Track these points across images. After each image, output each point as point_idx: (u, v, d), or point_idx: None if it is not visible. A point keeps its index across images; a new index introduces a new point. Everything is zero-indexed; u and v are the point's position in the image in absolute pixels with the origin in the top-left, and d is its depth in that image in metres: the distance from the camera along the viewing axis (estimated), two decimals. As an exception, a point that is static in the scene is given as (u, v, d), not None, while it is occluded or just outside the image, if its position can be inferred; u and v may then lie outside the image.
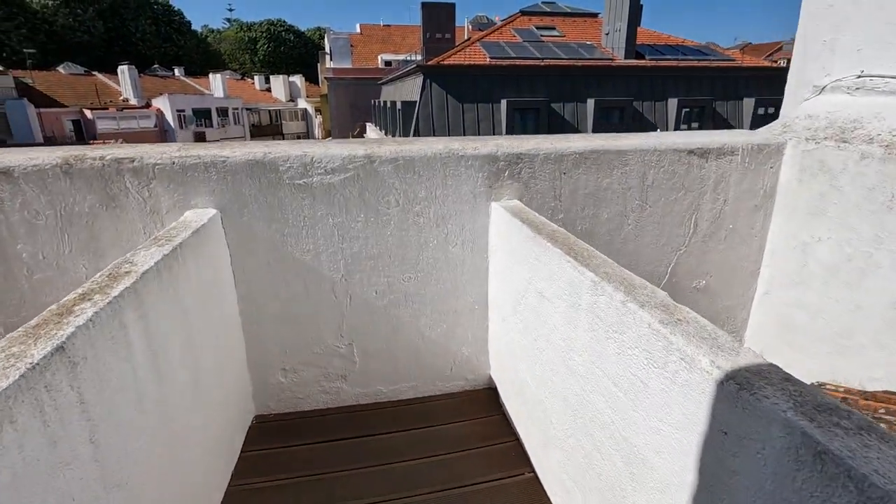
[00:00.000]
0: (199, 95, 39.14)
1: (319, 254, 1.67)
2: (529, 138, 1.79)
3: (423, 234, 1.72)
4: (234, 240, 1.60)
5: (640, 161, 1.79)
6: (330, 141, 1.69)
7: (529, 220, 1.46)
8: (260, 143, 1.66)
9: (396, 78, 24.59)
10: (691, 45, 22.50)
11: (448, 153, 1.64)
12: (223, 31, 77.01)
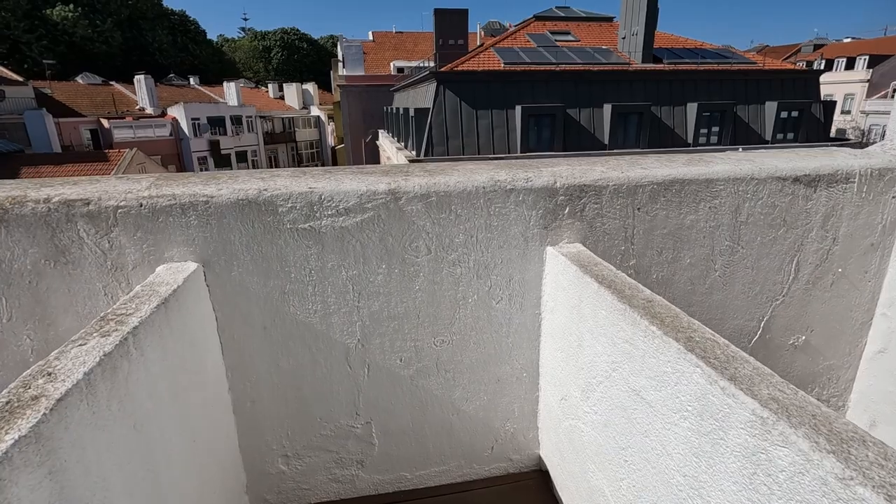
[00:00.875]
0: (214, 104, 39.42)
1: (330, 315, 1.31)
2: (594, 163, 1.42)
3: (460, 288, 1.36)
4: (221, 300, 1.25)
5: (732, 192, 1.42)
6: (342, 171, 1.34)
7: (609, 280, 1.09)
8: (254, 172, 1.32)
9: (409, 85, 24.41)
10: (710, 49, 21.96)
11: (493, 186, 1.28)
12: (238, 40, 78.00)
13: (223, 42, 76.59)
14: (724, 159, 1.51)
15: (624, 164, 1.42)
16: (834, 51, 53.60)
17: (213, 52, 64.14)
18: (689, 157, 1.53)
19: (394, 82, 35.11)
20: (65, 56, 45.53)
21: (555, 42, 21.08)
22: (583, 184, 1.32)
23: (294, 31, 73.19)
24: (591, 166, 1.39)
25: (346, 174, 1.29)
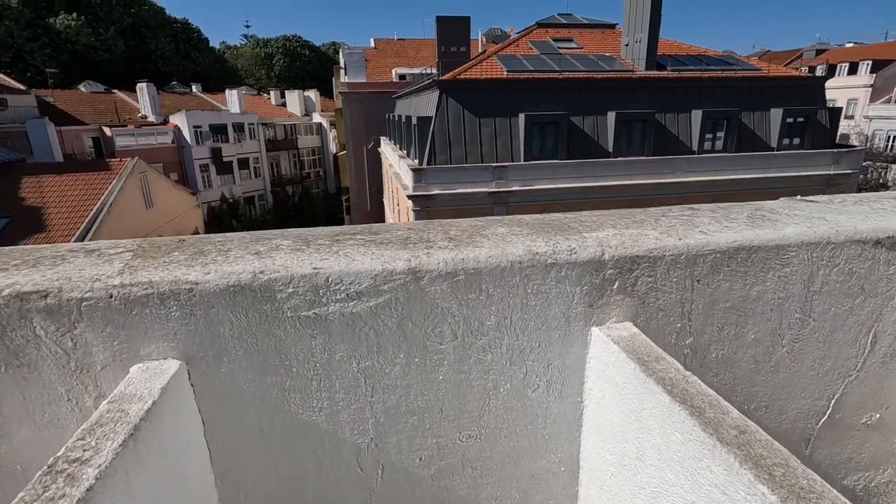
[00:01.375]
0: (216, 111, 39.45)
1: (338, 412, 1.11)
2: (642, 223, 1.22)
3: (490, 376, 1.16)
4: (209, 401, 1.04)
5: (805, 259, 1.22)
6: (352, 237, 1.14)
7: (681, 389, 0.88)
8: (249, 240, 1.12)
9: (411, 92, 24.32)
10: (714, 55, 21.83)
11: (531, 261, 1.08)
12: (240, 48, 78.33)
13: (225, 49, 76.89)
14: (791, 215, 1.31)
15: (679, 225, 1.22)
16: (836, 56, 53.52)
17: (215, 60, 64.34)
18: (750, 211, 1.33)
19: (396, 89, 35.06)
20: (67, 64, 45.67)
21: (558, 49, 20.97)
22: (635, 255, 1.12)
23: (296, 38, 73.45)
24: (642, 229, 1.19)
25: (358, 246, 1.09)
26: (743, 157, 18.04)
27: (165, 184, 25.67)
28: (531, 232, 1.18)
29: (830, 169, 18.68)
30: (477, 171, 16.47)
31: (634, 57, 19.65)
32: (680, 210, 1.36)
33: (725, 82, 18.68)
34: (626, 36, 20.38)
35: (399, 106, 29.33)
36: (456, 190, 16.37)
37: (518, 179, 16.68)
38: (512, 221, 1.26)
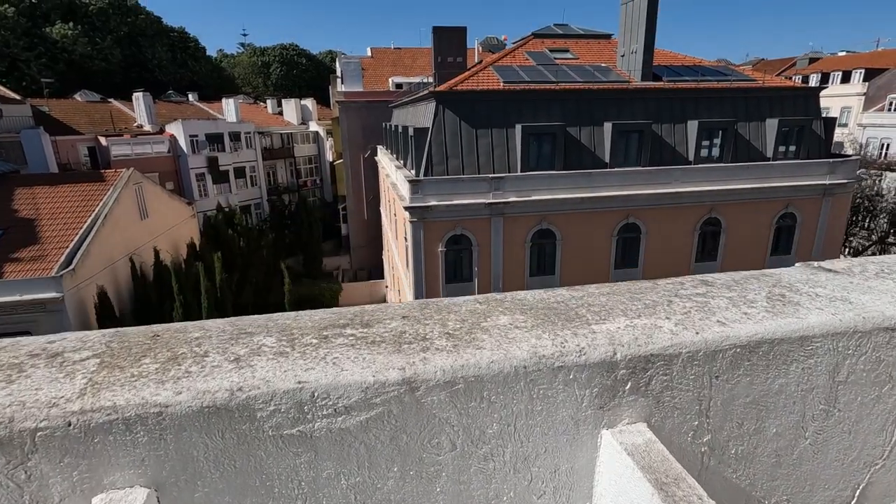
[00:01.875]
0: (212, 120, 39.38)
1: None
2: (658, 314, 1.13)
3: (492, 485, 1.06)
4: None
5: (831, 349, 1.13)
6: (340, 334, 1.04)
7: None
8: (230, 341, 1.03)
9: (408, 102, 24.34)
10: (709, 66, 21.96)
11: (537, 364, 0.99)
12: (237, 56, 78.50)
13: (222, 58, 77.03)
14: (813, 294, 1.22)
15: (694, 311, 1.13)
16: (829, 64, 54.00)
17: (212, 68, 64.40)
18: (769, 288, 1.24)
19: (392, 98, 35.11)
20: (64, 74, 45.60)
21: (554, 60, 21.03)
22: (649, 353, 1.03)
23: (293, 47, 73.66)
24: (655, 319, 1.10)
25: (347, 348, 0.99)
26: (739, 168, 18.07)
27: (161, 194, 25.53)
28: (535, 324, 1.09)
29: (826, 179, 18.73)
30: (474, 183, 16.43)
31: (630, 68, 19.73)
32: (693, 286, 1.27)
33: (721, 93, 18.76)
34: (622, 47, 20.47)
35: (396, 115, 29.35)
36: (453, 201, 16.32)
37: (515, 190, 16.64)
38: (514, 306, 1.16)
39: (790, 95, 19.35)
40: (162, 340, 1.03)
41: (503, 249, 17.05)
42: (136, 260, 19.86)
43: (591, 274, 17.89)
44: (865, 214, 27.52)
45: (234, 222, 29.54)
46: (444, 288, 17.17)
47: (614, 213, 17.45)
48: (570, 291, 1.25)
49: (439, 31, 22.48)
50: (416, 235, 16.44)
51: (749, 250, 19.00)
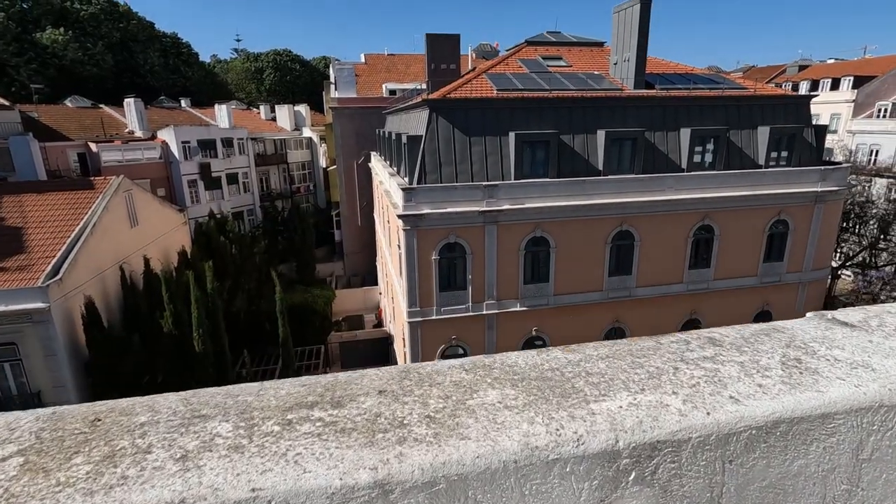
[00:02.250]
0: (205, 126, 39.15)
1: None
2: (664, 388, 1.02)
3: None
4: None
5: (854, 425, 1.02)
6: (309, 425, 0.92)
7: None
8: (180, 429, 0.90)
9: (402, 109, 24.28)
10: (701, 74, 22.07)
11: (528, 458, 0.86)
12: (230, 62, 78.28)
13: (216, 63, 76.81)
14: (831, 358, 1.11)
15: (703, 383, 1.02)
16: (818, 72, 54.61)
17: (205, 74, 64.13)
18: (782, 350, 1.12)
19: (386, 104, 35.07)
20: (54, 79, 45.23)
21: (547, 68, 21.06)
22: (655, 440, 0.91)
23: (286, 53, 73.58)
24: (660, 395, 0.99)
25: (312, 438, 0.86)
26: (731, 175, 18.12)
27: (151, 201, 25.25)
28: (528, 402, 0.97)
29: (818, 186, 18.83)
30: (467, 190, 16.35)
31: (623, 76, 19.78)
32: (700, 345, 1.15)
33: (713, 101, 18.84)
34: (615, 55, 20.54)
35: (389, 122, 29.28)
36: (447, 209, 16.23)
37: (509, 198, 16.58)
38: (504, 376, 1.04)
39: (781, 103, 19.47)
40: (102, 428, 0.90)
41: (497, 257, 16.97)
42: (125, 268, 19.58)
43: (585, 282, 17.83)
44: (856, 221, 27.71)
45: (227, 229, 29.28)
46: (437, 296, 17.04)
47: (608, 221, 17.43)
48: (566, 354, 1.13)
49: (433, 39, 22.48)
50: (409, 243, 16.32)
51: (742, 257, 19.03)
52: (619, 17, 19.61)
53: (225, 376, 18.78)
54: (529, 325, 17.95)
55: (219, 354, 18.71)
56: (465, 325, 17.43)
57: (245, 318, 27.15)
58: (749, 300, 19.70)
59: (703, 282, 18.86)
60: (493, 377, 1.03)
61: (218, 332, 18.86)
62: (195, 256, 23.96)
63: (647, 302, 18.58)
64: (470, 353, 17.79)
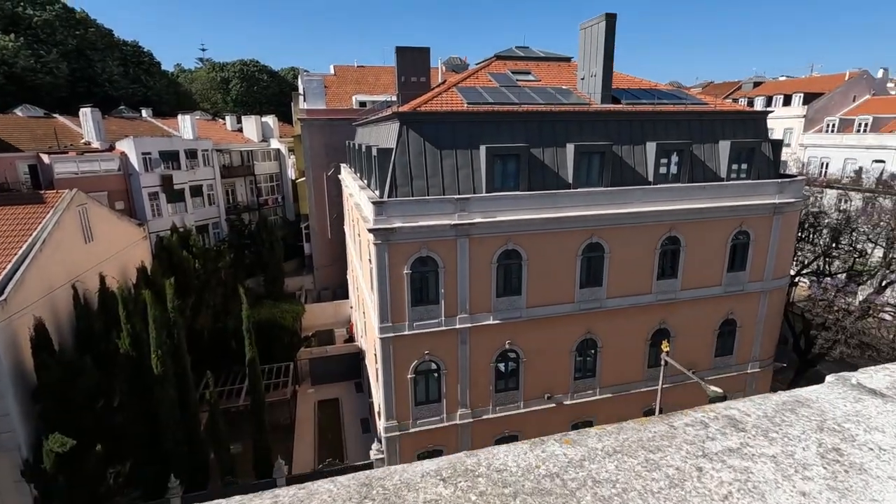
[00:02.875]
0: (167, 137, 37.85)
1: None
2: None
3: None
4: None
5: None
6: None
7: None
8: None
9: (372, 121, 24.04)
10: (665, 90, 22.73)
11: None
12: (195, 71, 76.45)
13: (179, 73, 74.84)
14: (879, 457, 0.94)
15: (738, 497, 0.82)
16: (771, 88, 57.36)
17: (168, 84, 62.31)
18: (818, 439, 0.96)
19: (356, 116, 34.76)
20: (3, 87, 42.98)
21: (516, 82, 21.26)
22: None
23: (254, 63, 72.39)
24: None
25: None
26: (695, 188, 18.60)
27: (108, 215, 24.09)
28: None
29: (776, 198, 19.53)
30: (439, 204, 16.20)
31: (590, 90, 20.14)
32: (721, 431, 0.97)
33: (677, 116, 19.36)
34: (582, 70, 20.91)
35: (360, 134, 28.97)
36: (418, 223, 16.02)
37: (480, 211, 16.51)
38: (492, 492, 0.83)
39: (740, 118, 20.19)
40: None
41: (469, 271, 16.83)
42: (79, 287, 18.50)
43: (557, 294, 17.87)
44: (810, 230, 28.92)
45: (190, 243, 28.20)
46: (409, 310, 16.74)
47: (579, 233, 17.57)
48: (565, 448, 0.93)
49: (403, 52, 22.40)
50: (380, 257, 16.01)
51: (707, 267, 19.50)
52: (585, 33, 20.00)
53: (187, 398, 17.88)
54: (503, 339, 17.83)
55: (180, 375, 17.81)
56: (438, 339, 17.16)
57: (209, 335, 26.08)
58: (714, 309, 20.17)
59: (671, 292, 19.21)
60: (479, 491, 0.82)
61: (179, 351, 17.98)
62: (156, 272, 22.91)
63: (618, 313, 18.77)
64: (443, 368, 17.52)
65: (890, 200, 30.97)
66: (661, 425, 0.97)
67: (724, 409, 1.02)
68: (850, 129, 45.07)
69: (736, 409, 1.01)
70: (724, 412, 1.01)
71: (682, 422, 0.99)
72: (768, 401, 1.04)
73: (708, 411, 1.02)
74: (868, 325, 22.41)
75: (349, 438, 23.75)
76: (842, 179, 41.84)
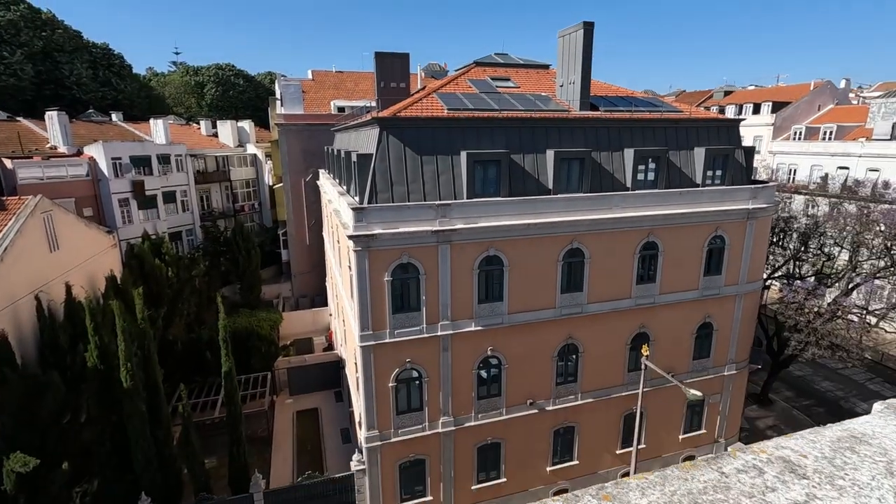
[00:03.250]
0: (139, 142, 36.79)
1: None
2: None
3: None
4: None
5: None
6: None
7: None
8: None
9: (351, 126, 23.77)
10: (641, 97, 23.10)
11: None
12: (168, 75, 74.80)
13: (152, 76, 73.08)
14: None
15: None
16: (741, 97, 59.11)
17: (139, 87, 60.75)
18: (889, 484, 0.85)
19: (335, 121, 34.41)
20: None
21: (496, 88, 21.33)
22: None
23: (229, 67, 71.21)
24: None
25: None
26: (672, 194, 18.88)
27: (75, 222, 23.19)
28: None
29: (749, 203, 19.98)
30: (420, 210, 16.04)
31: (569, 97, 20.32)
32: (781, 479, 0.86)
33: (653, 123, 19.67)
34: (561, 77, 21.10)
35: (339, 139, 28.64)
36: (399, 229, 15.83)
37: (462, 217, 16.42)
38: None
39: (715, 126, 20.64)
40: None
41: (451, 277, 16.69)
42: (43, 298, 17.69)
43: (538, 300, 17.88)
44: (781, 235, 29.76)
45: (163, 251, 27.36)
46: (390, 318, 16.50)
47: (559, 239, 17.63)
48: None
49: (382, 57, 22.23)
50: (360, 264, 15.74)
51: (684, 272, 19.79)
52: (564, 41, 20.20)
53: (158, 412, 17.21)
54: (485, 345, 17.72)
55: (151, 389, 17.15)
56: (419, 347, 16.95)
57: (183, 346, 25.28)
58: (692, 312, 20.48)
59: (650, 296, 19.42)
60: None
61: (150, 364, 17.32)
62: (126, 281, 22.11)
63: (599, 317, 18.88)
64: (425, 376, 17.30)
65: (854, 206, 32.13)
66: (710, 472, 0.85)
67: (776, 448, 0.90)
68: (816, 136, 46.72)
69: (789, 449, 0.90)
70: (776, 452, 0.90)
71: (733, 467, 0.86)
72: (821, 437, 0.93)
73: (758, 452, 0.90)
74: (837, 327, 23.07)
75: (329, 449, 23.26)
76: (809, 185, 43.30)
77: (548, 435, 19.65)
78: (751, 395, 27.77)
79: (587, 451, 20.44)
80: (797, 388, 30.95)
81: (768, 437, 15.17)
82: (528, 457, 19.58)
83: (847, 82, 54.96)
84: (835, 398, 29.76)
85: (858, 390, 30.67)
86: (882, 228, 27.19)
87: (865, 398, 29.71)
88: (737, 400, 22.82)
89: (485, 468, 19.20)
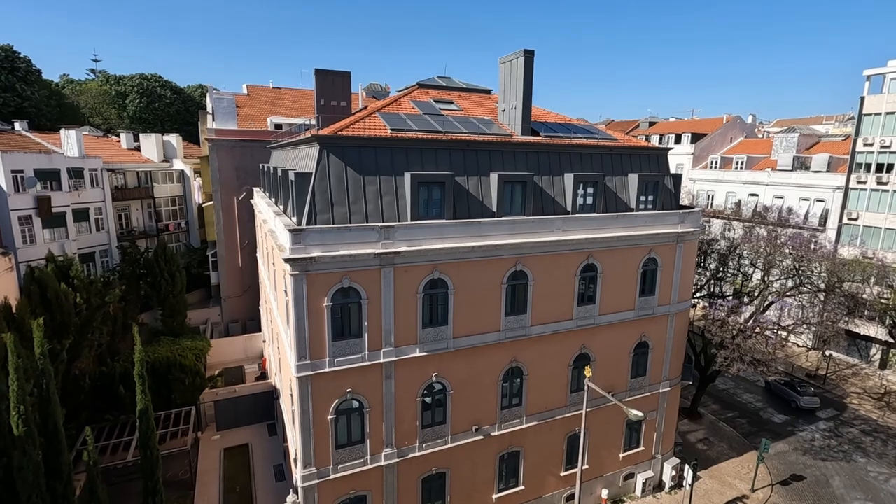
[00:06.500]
0: (46, 154, 33.30)
1: None
2: None
3: None
4: None
5: None
6: None
7: None
8: None
9: (289, 144, 22.80)
10: (578, 124, 24.01)
11: None
12: (85, 83, 69.24)
13: (66, 83, 67.30)
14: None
15: None
16: (664, 128, 63.69)
17: (49, 94, 55.66)
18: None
19: (271, 138, 33.04)
20: None
21: (440, 110, 21.32)
22: None
23: (156, 78, 67.16)
24: None
25: None
26: (609, 218, 19.54)
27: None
28: None
29: (678, 227, 21.10)
30: (362, 232, 15.40)
31: (511, 122, 20.69)
32: None
33: (591, 149, 20.39)
34: (503, 102, 21.48)
35: (276, 157, 27.42)
36: (340, 251, 15.07)
37: (406, 239, 15.95)
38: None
39: (646, 154, 21.76)
40: None
41: (394, 301, 16.09)
42: (-88, 331, 15.08)
43: (483, 323, 17.66)
44: (702, 256, 31.81)
45: (71, 274, 24.59)
46: (330, 345, 15.57)
47: (504, 261, 17.60)
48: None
49: (323, 74, 21.64)
50: (297, 289, 14.78)
51: (622, 293, 20.43)
52: (505, 67, 20.62)
53: (57, 461, 15.01)
54: (429, 371, 17.17)
55: (50, 434, 14.96)
56: (361, 375, 16.09)
57: (92, 381, 22.63)
58: (629, 332, 21.11)
59: (591, 317, 19.81)
60: None
61: (49, 405, 15.14)
62: (23, 310, 19.50)
63: (542, 339, 18.95)
64: (367, 406, 16.43)
65: (765, 229, 35.12)
66: None
67: None
68: (730, 165, 51.02)
69: None
70: None
71: None
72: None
73: None
74: (757, 343, 24.71)
75: (261, 489, 21.47)
76: (725, 210, 47.04)
77: (493, 461, 19.25)
78: (682, 410, 29.00)
79: (532, 475, 20.23)
80: (722, 402, 32.79)
81: (700, 450, 15.63)
82: (473, 485, 19.04)
83: (753, 117, 60.78)
84: (755, 409, 31.80)
85: (773, 402, 32.99)
86: (789, 251, 29.80)
87: (780, 409, 32.00)
88: (671, 416, 23.65)
89: (429, 500, 18.42)
